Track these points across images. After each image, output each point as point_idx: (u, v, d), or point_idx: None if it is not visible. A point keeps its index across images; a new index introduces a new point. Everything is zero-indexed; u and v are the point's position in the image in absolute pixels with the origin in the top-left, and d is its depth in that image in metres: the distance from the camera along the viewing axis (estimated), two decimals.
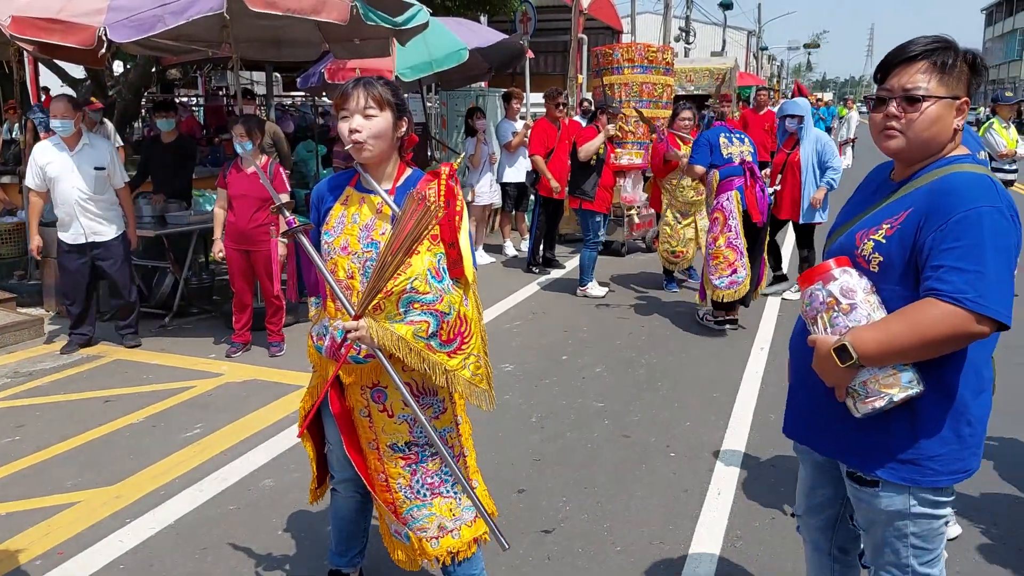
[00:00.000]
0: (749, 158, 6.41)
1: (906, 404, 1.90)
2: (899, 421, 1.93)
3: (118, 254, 6.00)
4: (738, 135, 6.57)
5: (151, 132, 11.00)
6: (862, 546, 2.21)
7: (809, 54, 66.20)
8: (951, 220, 1.79)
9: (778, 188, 7.23)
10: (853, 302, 1.89)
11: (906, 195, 1.94)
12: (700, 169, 6.42)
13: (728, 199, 6.26)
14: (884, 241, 1.91)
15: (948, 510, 2.02)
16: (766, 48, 57.03)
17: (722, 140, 6.40)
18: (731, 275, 6.23)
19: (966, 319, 1.75)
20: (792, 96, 12.93)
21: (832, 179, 7.03)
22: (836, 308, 1.91)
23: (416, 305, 2.31)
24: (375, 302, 2.30)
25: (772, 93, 14.15)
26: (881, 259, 1.91)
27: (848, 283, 1.91)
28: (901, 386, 1.85)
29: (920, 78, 1.90)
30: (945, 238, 1.79)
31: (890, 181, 2.07)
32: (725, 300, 6.34)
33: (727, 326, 6.54)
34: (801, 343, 2.09)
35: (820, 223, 7.20)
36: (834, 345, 1.87)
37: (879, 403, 1.87)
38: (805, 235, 7.40)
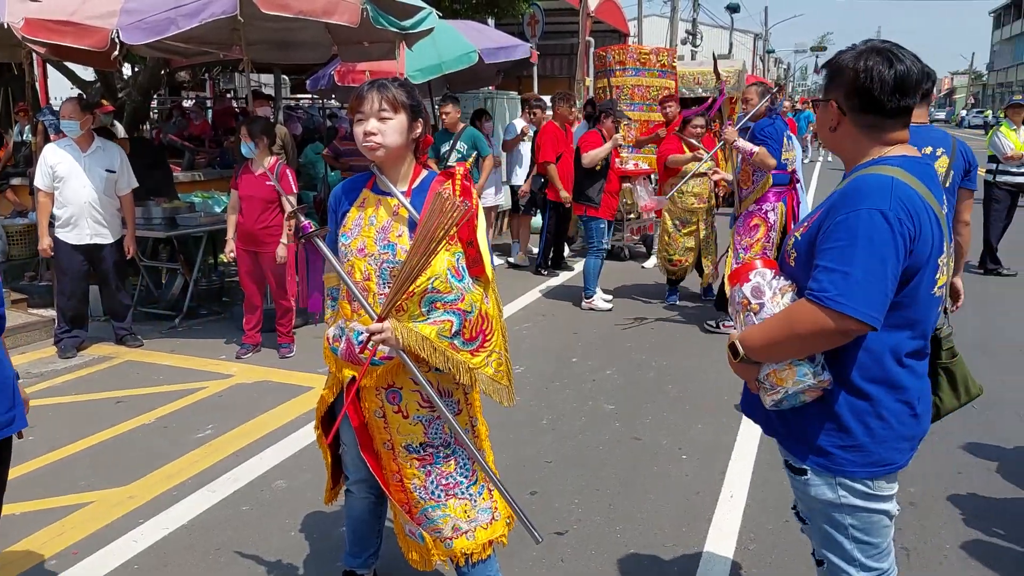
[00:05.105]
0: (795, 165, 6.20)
1: (821, 395, 1.97)
2: (813, 411, 2.00)
3: (116, 257, 6.06)
4: (791, 139, 6.19)
5: (159, 134, 11.04)
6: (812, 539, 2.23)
7: (816, 57, 66.19)
8: (836, 221, 1.87)
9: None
10: (761, 302, 1.99)
11: (829, 196, 2.01)
12: (774, 162, 5.91)
13: (774, 211, 6.04)
14: (799, 238, 2.01)
15: (891, 504, 2.04)
16: (773, 51, 57.00)
17: (785, 142, 6.03)
18: None
19: (826, 317, 1.82)
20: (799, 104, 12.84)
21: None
22: (748, 308, 2.02)
23: (439, 304, 2.32)
24: (398, 303, 2.30)
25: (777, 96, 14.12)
26: (796, 255, 2.01)
27: (759, 285, 2.01)
28: (795, 379, 1.93)
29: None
30: (827, 238, 1.87)
31: None
32: None
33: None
34: None
35: None
36: (728, 342, 2.03)
37: (776, 396, 1.97)
38: None
